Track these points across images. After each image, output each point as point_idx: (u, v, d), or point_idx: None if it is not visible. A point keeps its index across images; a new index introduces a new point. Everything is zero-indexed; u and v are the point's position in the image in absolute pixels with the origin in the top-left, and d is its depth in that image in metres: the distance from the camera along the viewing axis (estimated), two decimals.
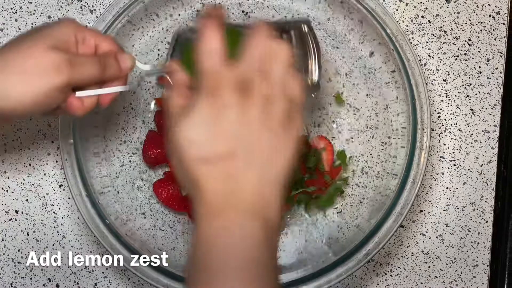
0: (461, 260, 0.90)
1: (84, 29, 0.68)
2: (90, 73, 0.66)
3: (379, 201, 0.84)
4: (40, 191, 0.91)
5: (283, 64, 0.59)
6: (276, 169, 0.58)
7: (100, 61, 0.67)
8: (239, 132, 0.57)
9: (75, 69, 0.64)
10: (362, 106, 0.91)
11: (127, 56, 0.70)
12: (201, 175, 0.57)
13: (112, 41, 0.70)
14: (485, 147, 0.92)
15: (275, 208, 0.58)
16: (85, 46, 0.68)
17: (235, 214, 0.56)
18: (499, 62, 0.93)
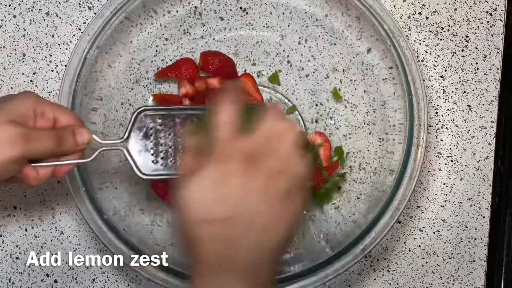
0: (458, 256, 0.90)
1: (43, 102, 0.69)
2: (45, 147, 0.67)
3: (376, 196, 0.84)
4: (38, 187, 0.91)
5: (290, 143, 0.62)
6: (272, 239, 0.60)
7: (57, 136, 0.68)
8: (241, 200, 0.59)
9: (30, 143, 0.65)
10: (360, 102, 0.91)
11: (84, 131, 0.71)
12: (201, 236, 0.59)
13: (71, 114, 0.72)
14: (482, 143, 0.92)
15: (266, 274, 0.61)
16: (44, 120, 0.69)
17: (229, 276, 0.59)
18: (496, 58, 0.93)
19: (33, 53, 0.93)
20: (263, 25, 0.93)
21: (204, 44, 0.93)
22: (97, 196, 0.81)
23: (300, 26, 0.92)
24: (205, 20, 0.92)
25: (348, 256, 0.78)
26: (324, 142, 0.90)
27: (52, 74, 0.92)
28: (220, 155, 0.60)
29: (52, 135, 0.68)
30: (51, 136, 0.67)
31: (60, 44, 0.93)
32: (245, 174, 0.60)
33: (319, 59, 0.92)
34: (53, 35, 0.93)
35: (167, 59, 0.92)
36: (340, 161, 0.90)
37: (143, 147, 0.76)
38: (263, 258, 0.60)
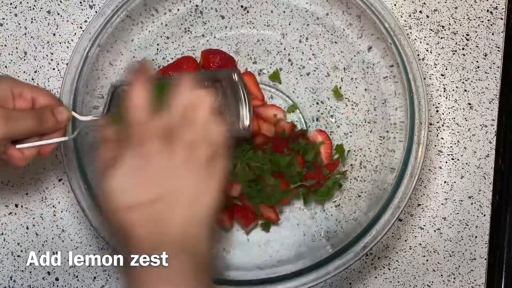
0: (459, 254, 0.90)
1: (21, 84, 0.70)
2: (26, 126, 0.68)
3: (377, 194, 0.84)
4: (39, 185, 0.91)
5: (204, 111, 0.64)
6: (201, 209, 0.62)
7: (36, 115, 0.69)
8: (164, 178, 0.61)
9: (11, 124, 0.66)
10: (361, 101, 0.91)
11: (63, 109, 0.72)
12: (129, 223, 0.60)
13: (49, 94, 0.73)
14: (483, 141, 0.92)
15: (202, 244, 0.62)
16: (22, 101, 0.70)
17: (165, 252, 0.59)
18: (497, 56, 0.93)
19: (35, 51, 0.93)
20: (264, 24, 0.93)
21: (205, 43, 0.93)
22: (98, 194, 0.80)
23: (301, 25, 0.92)
24: (206, 19, 0.92)
25: (349, 254, 0.78)
26: (325, 140, 0.90)
27: (54, 73, 0.93)
28: (137, 138, 0.61)
29: (32, 114, 0.69)
30: (30, 115, 0.68)
31: (61, 42, 0.93)
32: (164, 152, 0.61)
33: (320, 57, 0.92)
34: (55, 34, 0.93)
35: (168, 57, 0.92)
36: (341, 159, 0.90)
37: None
38: (197, 229, 0.61)
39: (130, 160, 0.61)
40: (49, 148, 0.72)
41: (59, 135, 0.72)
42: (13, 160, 0.69)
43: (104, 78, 0.86)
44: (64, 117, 0.72)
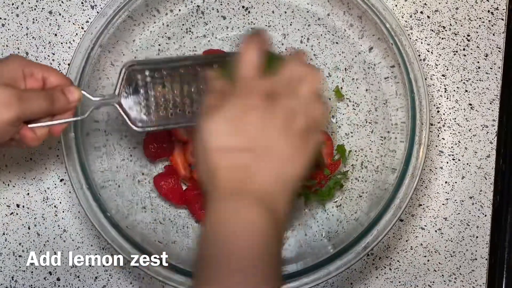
0: (460, 254, 0.90)
1: (31, 63, 0.71)
2: (39, 107, 0.68)
3: (378, 195, 0.84)
4: (41, 185, 0.91)
5: (310, 87, 0.64)
6: (288, 172, 0.61)
7: (48, 95, 0.69)
8: (259, 133, 0.61)
9: (24, 104, 0.66)
10: (362, 101, 0.91)
11: (74, 88, 0.73)
12: (219, 163, 0.60)
13: (59, 74, 0.73)
14: (484, 142, 0.92)
15: (283, 204, 0.61)
16: (33, 80, 0.70)
17: (244, 200, 0.59)
18: (498, 57, 0.93)
19: (36, 51, 0.93)
20: (265, 24, 0.92)
21: (207, 43, 0.93)
22: (100, 194, 0.81)
23: (302, 25, 0.92)
24: (208, 19, 0.92)
25: (350, 254, 0.78)
26: (326, 141, 0.89)
27: None
28: (243, 91, 0.62)
29: (44, 94, 0.69)
30: (43, 95, 0.69)
31: (63, 43, 0.93)
32: (265, 110, 0.61)
33: (321, 58, 0.92)
34: (56, 34, 0.93)
35: None
36: (342, 159, 0.90)
37: (134, 101, 0.77)
38: (279, 189, 0.61)
39: (231, 108, 0.61)
40: (60, 127, 0.73)
41: (70, 115, 0.73)
42: (26, 140, 0.70)
43: (105, 78, 0.86)
44: (75, 97, 0.72)
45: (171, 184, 0.88)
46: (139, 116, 0.77)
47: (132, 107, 0.77)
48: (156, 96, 0.78)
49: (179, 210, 0.90)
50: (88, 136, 0.84)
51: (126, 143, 0.90)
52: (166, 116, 0.78)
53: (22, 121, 0.68)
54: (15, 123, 0.67)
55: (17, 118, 0.66)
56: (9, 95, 0.65)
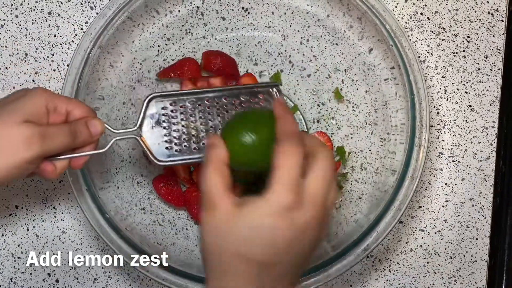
0: (460, 256, 0.90)
1: (55, 97, 0.70)
2: (61, 143, 0.67)
3: (378, 196, 0.84)
4: (40, 187, 0.91)
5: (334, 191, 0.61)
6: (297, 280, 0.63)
7: (71, 130, 0.68)
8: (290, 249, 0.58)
9: (46, 142, 0.65)
10: (361, 102, 0.91)
11: (98, 121, 0.72)
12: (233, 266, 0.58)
13: (83, 106, 0.72)
14: (484, 143, 0.92)
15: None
16: (57, 114, 0.69)
17: None
18: (498, 59, 0.93)
19: (35, 52, 0.93)
20: (265, 25, 0.93)
21: (206, 44, 0.93)
22: (99, 195, 0.81)
23: (302, 26, 0.92)
24: (207, 20, 0.92)
25: (350, 256, 0.78)
26: (326, 142, 0.89)
27: (54, 74, 0.93)
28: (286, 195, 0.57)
29: (67, 130, 0.68)
30: (66, 132, 0.68)
31: (62, 43, 0.93)
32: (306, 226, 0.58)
33: (320, 59, 0.92)
34: (55, 35, 0.93)
35: (169, 59, 0.92)
36: (342, 161, 0.90)
37: (156, 134, 0.76)
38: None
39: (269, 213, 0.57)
40: (82, 160, 0.72)
41: (92, 147, 0.72)
42: (46, 174, 0.69)
43: (104, 79, 0.86)
44: (98, 130, 0.72)
45: (170, 186, 0.88)
46: (161, 149, 0.77)
47: (154, 140, 0.76)
48: (179, 129, 0.77)
49: (178, 211, 0.90)
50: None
51: (125, 144, 0.90)
52: (189, 149, 0.77)
53: (43, 158, 0.67)
54: (35, 161, 0.66)
55: (38, 156, 0.65)
56: (31, 134, 0.64)
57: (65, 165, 0.70)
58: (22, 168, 0.65)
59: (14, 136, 0.64)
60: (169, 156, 0.77)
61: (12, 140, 0.64)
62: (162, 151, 0.76)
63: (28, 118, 0.65)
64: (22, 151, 0.64)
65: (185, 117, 0.78)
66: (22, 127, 0.64)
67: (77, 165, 0.72)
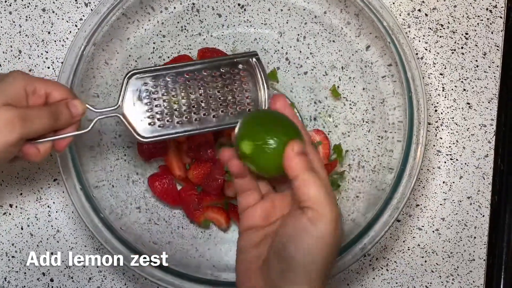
0: (458, 255, 0.90)
1: (34, 80, 0.69)
2: (42, 125, 0.67)
3: (375, 195, 0.83)
4: (34, 185, 0.90)
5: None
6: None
7: (52, 112, 0.68)
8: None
9: (28, 124, 0.65)
10: (359, 100, 0.90)
11: (78, 102, 0.71)
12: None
13: (62, 88, 0.72)
14: (482, 141, 0.91)
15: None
16: (36, 97, 0.69)
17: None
18: (496, 55, 0.92)
19: (29, 49, 0.92)
20: (261, 22, 0.92)
21: (202, 41, 0.92)
22: (93, 194, 0.80)
23: (299, 23, 0.91)
24: (203, 17, 0.91)
25: (347, 255, 0.78)
26: (322, 140, 0.89)
27: (48, 71, 0.92)
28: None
29: (47, 111, 0.68)
30: (46, 113, 0.68)
31: (56, 40, 0.92)
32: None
33: (317, 56, 0.92)
34: (49, 32, 0.92)
35: (164, 56, 0.91)
36: (339, 159, 0.89)
37: (138, 111, 0.76)
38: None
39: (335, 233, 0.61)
40: (65, 142, 0.72)
41: (74, 128, 0.72)
42: (29, 157, 0.69)
43: (99, 77, 0.86)
44: (79, 111, 0.71)
45: (166, 184, 0.88)
46: (144, 125, 0.76)
47: (136, 117, 0.76)
48: (161, 104, 0.77)
49: (174, 210, 0.90)
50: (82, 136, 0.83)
51: (120, 142, 0.89)
52: (172, 123, 0.77)
53: (24, 140, 0.67)
54: (18, 144, 0.65)
55: (20, 139, 0.65)
56: (11, 116, 0.64)
57: (49, 148, 0.70)
58: (4, 152, 0.64)
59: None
60: (153, 132, 0.76)
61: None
62: (145, 128, 0.76)
63: (7, 101, 0.65)
64: (4, 134, 0.64)
65: (166, 92, 0.77)
66: (1, 110, 0.64)
67: (60, 147, 0.71)
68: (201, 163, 0.87)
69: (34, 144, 0.68)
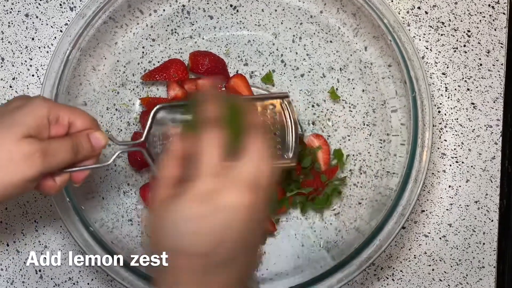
0: (466, 262, 0.88)
1: (58, 107, 0.67)
2: (63, 160, 0.65)
3: (379, 201, 0.82)
4: (20, 199, 0.88)
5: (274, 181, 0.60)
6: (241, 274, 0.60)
7: (73, 145, 0.66)
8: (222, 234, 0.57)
9: (49, 159, 0.64)
10: (358, 102, 0.89)
11: (100, 134, 0.70)
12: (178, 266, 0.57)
13: (86, 116, 0.70)
14: (488, 143, 0.89)
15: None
16: (59, 126, 0.67)
17: None
18: (500, 53, 0.91)
19: (12, 57, 0.90)
20: (254, 23, 0.90)
21: (193, 44, 0.90)
22: (82, 207, 0.79)
23: (294, 24, 0.90)
24: (194, 19, 0.90)
25: (352, 265, 0.77)
26: (322, 145, 0.87)
27: (33, 79, 0.90)
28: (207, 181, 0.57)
29: (69, 145, 0.66)
30: (68, 147, 0.66)
31: (40, 47, 0.90)
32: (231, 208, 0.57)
33: (314, 57, 0.90)
34: (33, 38, 0.90)
35: (154, 60, 0.89)
36: (340, 164, 0.88)
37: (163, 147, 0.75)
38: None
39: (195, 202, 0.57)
40: (83, 174, 0.69)
41: (94, 160, 0.70)
42: (46, 190, 0.67)
43: (87, 83, 0.85)
44: (101, 144, 0.70)
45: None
46: None
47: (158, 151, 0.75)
48: None
49: None
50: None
51: (110, 152, 0.86)
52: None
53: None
54: (37, 180, 0.63)
55: (39, 174, 0.63)
56: (32, 151, 0.62)
57: (66, 180, 0.68)
58: (22, 187, 0.62)
59: (14, 153, 0.61)
60: None
61: (12, 157, 0.61)
62: None
63: (29, 131, 0.63)
64: (23, 169, 0.62)
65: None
66: (22, 144, 0.62)
67: (78, 179, 0.70)
68: None
69: (52, 176, 0.66)
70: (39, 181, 0.65)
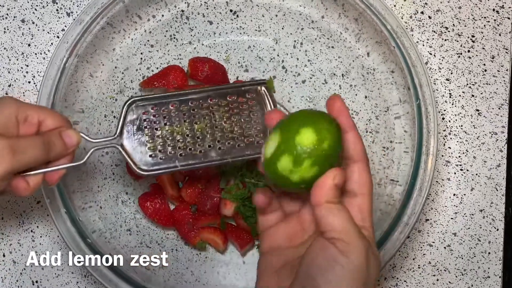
0: (472, 272, 0.87)
1: (26, 106, 0.66)
2: (34, 157, 0.63)
3: (383, 211, 0.81)
4: (16, 209, 0.87)
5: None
6: None
7: (44, 142, 0.65)
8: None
9: (18, 156, 0.62)
10: (361, 109, 0.88)
11: (73, 132, 0.68)
12: None
13: (56, 115, 0.68)
14: (493, 150, 0.88)
15: None
16: (28, 125, 0.65)
17: None
18: (505, 59, 0.90)
19: (8, 64, 0.89)
20: (255, 29, 0.90)
21: (193, 50, 0.90)
22: (79, 217, 0.77)
23: (295, 29, 0.89)
24: (193, 25, 0.89)
25: None
26: None
27: (29, 86, 0.89)
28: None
29: (39, 142, 0.64)
30: (38, 144, 0.64)
31: (37, 53, 0.90)
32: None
33: (316, 63, 0.89)
34: (30, 44, 0.90)
35: (153, 67, 0.89)
36: None
37: (138, 141, 0.72)
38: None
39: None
40: (57, 175, 0.67)
41: (68, 160, 0.68)
42: (18, 191, 0.65)
43: (84, 90, 0.83)
44: (74, 141, 0.68)
45: (158, 204, 0.85)
46: (144, 157, 0.72)
47: (136, 148, 0.72)
48: (163, 134, 0.73)
49: (167, 231, 0.87)
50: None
51: (107, 160, 0.86)
52: (175, 156, 0.73)
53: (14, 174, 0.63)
54: (7, 178, 0.61)
55: (9, 172, 0.61)
56: (1, 147, 0.60)
57: (39, 181, 0.66)
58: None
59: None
60: (154, 165, 0.72)
61: None
62: (145, 160, 0.72)
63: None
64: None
65: (169, 121, 0.74)
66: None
67: (52, 180, 0.67)
68: (195, 180, 0.84)
69: (24, 177, 0.64)
70: (11, 182, 0.63)
